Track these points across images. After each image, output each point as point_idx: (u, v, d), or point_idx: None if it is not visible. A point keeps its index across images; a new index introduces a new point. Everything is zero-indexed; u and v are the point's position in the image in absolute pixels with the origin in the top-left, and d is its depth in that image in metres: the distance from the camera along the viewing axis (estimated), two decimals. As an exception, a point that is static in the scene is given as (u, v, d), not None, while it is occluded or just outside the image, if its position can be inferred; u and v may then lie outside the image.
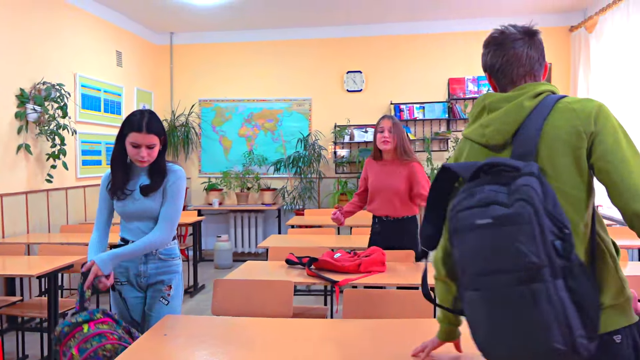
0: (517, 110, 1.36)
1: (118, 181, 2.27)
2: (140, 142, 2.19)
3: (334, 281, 2.66)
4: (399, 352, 1.71)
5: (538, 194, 1.20)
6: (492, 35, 1.50)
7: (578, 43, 6.12)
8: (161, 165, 2.31)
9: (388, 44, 6.76)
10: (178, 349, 1.79)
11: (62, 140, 4.70)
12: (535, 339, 1.14)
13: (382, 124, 3.36)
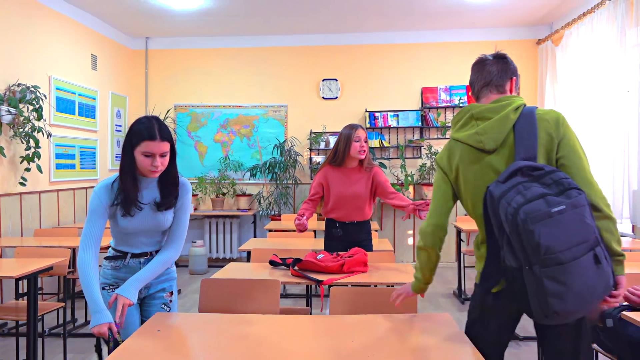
0: (505, 122, 1.77)
1: (131, 196, 2.11)
2: (154, 150, 2.05)
3: (319, 281, 2.72)
4: (389, 344, 1.78)
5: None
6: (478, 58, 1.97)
7: (545, 55, 6.38)
8: (173, 174, 2.20)
9: (363, 52, 6.90)
10: (173, 344, 1.81)
11: (37, 143, 4.63)
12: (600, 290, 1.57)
13: (358, 133, 3.42)
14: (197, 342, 1.84)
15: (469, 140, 1.82)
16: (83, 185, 5.81)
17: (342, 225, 3.51)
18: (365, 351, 1.71)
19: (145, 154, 2.06)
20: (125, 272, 2.23)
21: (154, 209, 2.18)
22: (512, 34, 6.71)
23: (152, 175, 2.11)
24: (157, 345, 1.79)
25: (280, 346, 1.78)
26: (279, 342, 1.83)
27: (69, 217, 5.50)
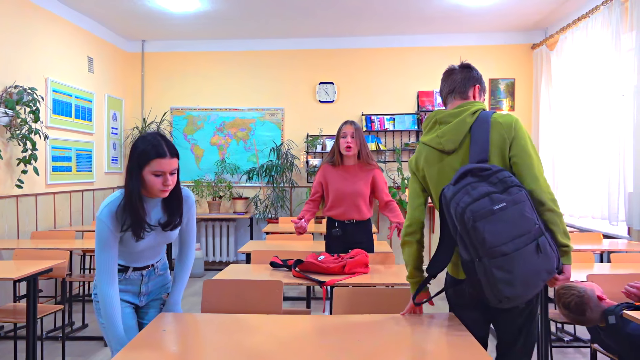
0: (462, 125, 1.94)
1: (140, 219, 2.00)
2: (164, 169, 1.96)
3: (321, 282, 2.72)
4: (398, 344, 1.79)
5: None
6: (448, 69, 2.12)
7: (540, 59, 6.43)
8: (177, 192, 2.11)
9: (360, 56, 6.92)
10: (179, 344, 1.81)
11: (34, 145, 4.61)
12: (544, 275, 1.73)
13: (344, 129, 3.44)
14: (202, 341, 1.84)
15: (432, 143, 2.00)
16: (79, 188, 5.79)
17: (341, 225, 3.51)
18: (374, 350, 1.72)
19: (155, 174, 1.96)
20: (125, 284, 2.18)
21: (158, 227, 2.12)
22: (507, 38, 6.77)
23: (162, 195, 2.01)
24: (162, 345, 1.78)
25: (288, 346, 1.79)
26: (286, 341, 1.83)
27: (65, 219, 5.47)
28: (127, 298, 2.20)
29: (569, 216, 5.75)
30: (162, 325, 1.98)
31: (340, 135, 3.46)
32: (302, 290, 5.58)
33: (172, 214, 2.12)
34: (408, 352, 1.75)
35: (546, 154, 6.23)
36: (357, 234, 3.52)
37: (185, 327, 1.99)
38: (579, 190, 5.44)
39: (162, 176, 1.97)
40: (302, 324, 2.07)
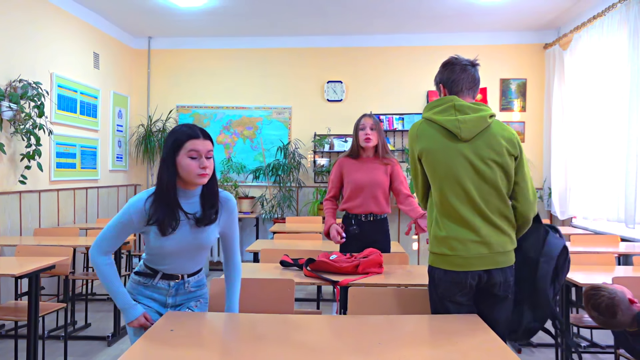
0: (483, 122, 2.01)
1: (173, 213, 1.92)
2: (200, 149, 1.89)
3: (334, 281, 2.61)
4: (420, 346, 1.68)
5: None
6: (449, 60, 2.13)
7: (552, 59, 6.32)
8: (212, 184, 2.00)
9: (369, 55, 6.83)
10: (187, 343, 1.70)
11: (38, 141, 4.52)
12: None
13: (363, 121, 3.37)
14: (212, 341, 1.74)
15: (448, 125, 1.99)
16: (83, 186, 5.70)
17: (358, 223, 3.39)
18: (396, 352, 1.61)
19: (191, 156, 1.89)
20: (151, 291, 2.07)
21: (193, 226, 1.98)
22: (519, 38, 6.66)
23: (200, 180, 1.92)
24: (171, 345, 1.68)
25: (302, 347, 1.68)
26: (300, 342, 1.73)
27: (68, 217, 5.38)
28: (152, 305, 2.07)
29: (583, 219, 5.63)
30: (170, 324, 1.88)
31: (359, 127, 3.39)
32: (310, 291, 5.47)
33: (209, 207, 1.99)
34: (433, 354, 1.64)
35: (558, 155, 6.11)
36: (374, 232, 3.40)
37: (194, 327, 1.89)
38: (593, 193, 5.32)
39: (199, 159, 1.90)
40: (316, 324, 1.96)
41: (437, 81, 2.15)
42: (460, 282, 1.96)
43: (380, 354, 1.60)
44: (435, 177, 2.02)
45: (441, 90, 2.12)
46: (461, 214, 1.97)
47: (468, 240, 1.96)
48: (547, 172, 6.50)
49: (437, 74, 2.15)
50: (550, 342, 3.93)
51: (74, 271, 4.55)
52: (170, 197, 1.92)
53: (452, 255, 1.97)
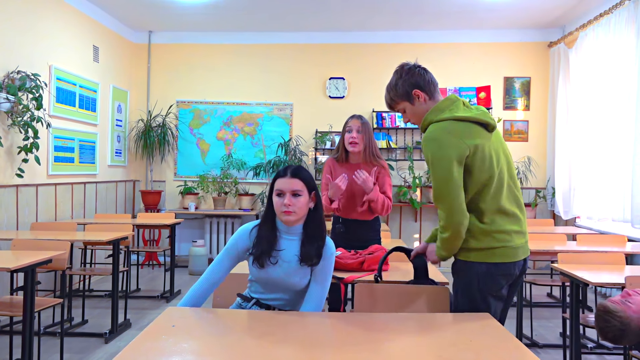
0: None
1: (267, 245, 1.97)
2: (283, 188, 1.96)
3: (340, 278, 2.54)
4: (434, 345, 1.61)
5: None
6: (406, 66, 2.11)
7: (557, 57, 6.25)
8: (317, 223, 2.01)
9: (372, 51, 6.75)
10: (189, 340, 1.63)
11: (36, 134, 4.44)
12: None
13: (350, 123, 3.18)
14: (213, 337, 1.67)
15: (480, 117, 1.96)
16: (82, 180, 5.62)
17: (345, 222, 3.28)
18: (405, 351, 1.54)
19: (277, 193, 1.98)
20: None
21: (290, 264, 1.99)
22: (523, 35, 6.59)
23: (285, 217, 1.96)
24: (171, 341, 1.60)
25: (307, 343, 1.61)
26: (304, 339, 1.65)
27: (66, 212, 5.30)
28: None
29: (587, 219, 5.57)
30: (171, 320, 1.80)
31: (345, 129, 3.20)
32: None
33: (309, 247, 1.98)
34: (445, 354, 1.57)
35: (562, 155, 6.05)
36: (363, 231, 3.27)
37: (196, 323, 1.81)
38: (598, 193, 5.26)
39: (282, 196, 1.96)
40: (321, 321, 1.89)
41: (409, 87, 2.05)
42: (509, 273, 1.96)
43: (388, 352, 1.53)
44: (483, 172, 1.93)
45: (419, 96, 2.04)
46: (505, 206, 1.96)
47: (513, 232, 1.96)
48: (550, 172, 6.43)
49: (399, 83, 2.07)
50: (555, 343, 3.86)
51: (71, 266, 4.47)
52: (267, 229, 2.00)
53: (501, 247, 1.94)
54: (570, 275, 2.76)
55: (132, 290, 5.29)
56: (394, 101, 2.12)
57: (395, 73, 2.11)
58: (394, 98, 2.10)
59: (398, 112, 2.15)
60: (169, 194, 6.87)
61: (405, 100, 2.06)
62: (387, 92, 2.14)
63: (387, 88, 2.14)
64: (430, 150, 1.93)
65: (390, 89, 2.12)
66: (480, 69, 6.58)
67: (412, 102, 2.06)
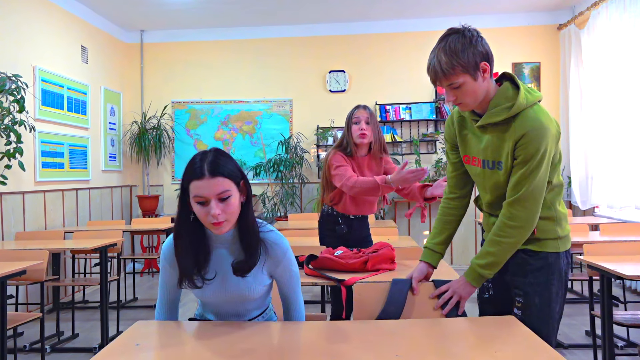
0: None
1: (188, 264, 1.56)
2: (205, 193, 1.47)
3: (339, 280, 2.25)
4: (437, 357, 1.32)
5: None
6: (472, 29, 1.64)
7: (568, 40, 5.93)
8: (250, 225, 1.59)
9: (372, 42, 6.47)
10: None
11: (19, 138, 4.19)
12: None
13: (357, 114, 2.95)
14: (186, 357, 1.38)
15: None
16: (73, 187, 5.37)
17: (346, 221, 3.04)
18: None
19: (197, 200, 1.49)
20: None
21: (230, 275, 1.61)
22: (531, 19, 6.27)
23: (216, 230, 1.52)
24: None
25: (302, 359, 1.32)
26: (296, 356, 1.37)
27: (57, 220, 5.05)
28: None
29: (607, 207, 5.25)
30: (136, 337, 1.52)
31: (352, 121, 2.97)
32: (315, 293, 5.11)
33: (243, 253, 1.59)
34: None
35: (577, 143, 5.73)
36: (362, 229, 3.11)
37: (164, 340, 1.53)
38: (618, 180, 4.93)
39: (206, 204, 1.49)
40: (315, 332, 1.60)
41: (479, 58, 1.59)
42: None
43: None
44: (557, 158, 1.70)
45: (485, 70, 1.61)
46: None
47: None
48: (565, 161, 6.09)
49: (468, 50, 1.57)
50: (581, 342, 3.55)
51: (58, 277, 4.21)
52: (185, 245, 1.57)
53: (569, 233, 1.78)
54: (601, 269, 2.45)
55: (128, 300, 5.03)
56: (451, 72, 1.58)
57: (461, 36, 1.59)
58: (455, 66, 1.57)
59: (448, 86, 1.62)
60: (167, 199, 6.61)
61: (467, 72, 1.58)
62: (445, 57, 1.58)
63: (445, 52, 1.58)
64: (545, 142, 1.57)
65: (451, 54, 1.57)
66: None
67: (475, 77, 1.59)
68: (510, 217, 1.64)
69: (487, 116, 1.66)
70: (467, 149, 1.80)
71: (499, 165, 1.68)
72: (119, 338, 1.51)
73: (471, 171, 1.83)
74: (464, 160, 1.83)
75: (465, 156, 1.81)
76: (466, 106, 1.68)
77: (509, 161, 1.65)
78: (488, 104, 1.67)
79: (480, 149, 1.73)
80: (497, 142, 1.67)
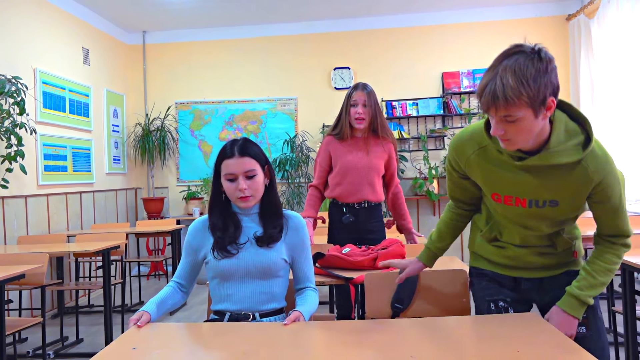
0: None
1: (223, 234, 1.75)
2: (234, 170, 1.71)
3: (347, 278, 2.16)
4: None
5: None
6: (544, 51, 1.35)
7: (577, 31, 5.80)
8: (273, 202, 1.81)
9: (377, 37, 6.36)
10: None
11: (20, 141, 4.12)
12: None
13: (355, 97, 2.81)
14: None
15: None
16: (77, 190, 5.30)
17: (351, 210, 2.89)
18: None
19: (228, 178, 1.73)
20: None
21: (255, 246, 1.76)
22: (539, 10, 6.15)
23: (243, 203, 1.74)
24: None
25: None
26: (306, 355, 1.27)
27: (61, 224, 4.99)
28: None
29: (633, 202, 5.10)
30: (132, 340, 1.43)
31: (349, 103, 2.83)
32: (323, 293, 5.00)
33: (269, 227, 1.78)
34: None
35: (590, 135, 5.58)
36: (370, 221, 2.91)
37: (164, 344, 1.44)
38: (631, 173, 4.80)
39: (235, 180, 1.73)
40: (323, 332, 1.50)
41: (550, 92, 1.32)
42: None
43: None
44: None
45: (550, 108, 1.35)
46: None
47: None
48: (577, 154, 5.96)
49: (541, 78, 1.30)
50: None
51: (62, 281, 4.14)
52: (218, 217, 1.78)
53: None
54: (623, 262, 2.33)
55: (134, 304, 4.95)
56: (515, 101, 1.29)
57: (535, 59, 1.30)
58: (521, 95, 1.28)
59: (502, 117, 1.34)
60: (173, 200, 6.54)
61: (531, 107, 1.30)
62: (514, 81, 1.28)
63: (514, 74, 1.29)
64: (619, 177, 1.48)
65: (522, 79, 1.28)
66: (494, 49, 6.06)
67: (537, 113, 1.32)
68: (621, 250, 1.53)
69: (549, 156, 1.39)
70: (497, 187, 1.53)
71: (553, 203, 1.47)
72: (116, 341, 1.42)
73: (504, 210, 1.57)
74: (494, 198, 1.56)
75: (496, 194, 1.54)
76: (514, 144, 1.39)
77: (576, 201, 1.48)
78: (538, 140, 1.40)
79: (524, 189, 1.48)
80: (556, 183, 1.44)
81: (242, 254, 1.74)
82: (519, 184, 1.47)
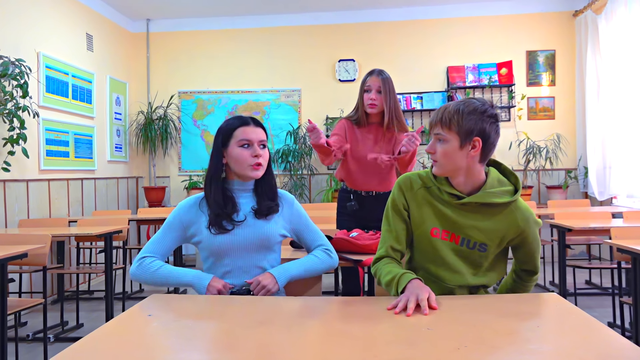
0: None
1: (220, 209, 1.73)
2: (251, 137, 1.76)
3: (357, 261, 2.13)
4: (466, 335, 1.19)
5: None
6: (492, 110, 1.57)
7: (584, 27, 5.77)
8: (268, 181, 1.84)
9: (382, 30, 6.33)
10: (164, 331, 1.23)
11: (22, 124, 4.09)
12: None
13: (369, 82, 2.76)
14: (197, 328, 1.26)
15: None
16: (78, 176, 5.26)
17: (358, 198, 2.86)
18: (462, 343, 1.12)
19: (242, 144, 1.75)
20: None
21: (253, 218, 1.78)
22: (546, 5, 6.12)
23: (254, 172, 1.76)
24: (144, 332, 1.21)
25: (321, 332, 1.19)
26: (313, 326, 1.24)
27: (62, 209, 4.95)
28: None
29: (627, 197, 5.09)
30: (148, 308, 1.40)
31: (364, 88, 2.79)
32: (327, 285, 4.98)
33: (265, 199, 1.82)
34: (508, 341, 1.15)
35: (594, 132, 5.57)
36: (377, 209, 2.85)
37: (177, 311, 1.41)
38: (638, 169, 4.78)
39: (251, 147, 1.77)
40: (329, 305, 1.48)
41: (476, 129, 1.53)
42: None
43: (425, 349, 1.11)
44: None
45: (475, 147, 1.53)
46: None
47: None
48: (581, 150, 5.95)
49: (469, 115, 1.52)
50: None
51: (62, 265, 4.12)
52: (219, 189, 1.76)
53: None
54: (633, 251, 2.32)
55: (134, 291, 4.93)
56: (446, 123, 1.54)
57: (479, 104, 1.54)
58: (452, 122, 1.53)
59: (435, 134, 1.58)
60: (174, 190, 6.50)
61: (458, 135, 1.53)
62: (453, 109, 1.54)
63: (457, 106, 1.55)
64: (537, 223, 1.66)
65: (459, 111, 1.53)
66: (500, 43, 6.12)
67: (462, 145, 1.53)
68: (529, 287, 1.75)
69: (485, 195, 1.57)
70: (437, 222, 1.63)
71: (482, 247, 1.61)
72: (132, 308, 1.41)
73: (437, 245, 1.63)
74: (432, 234, 1.63)
75: (435, 229, 1.63)
76: (439, 167, 1.60)
77: (500, 246, 1.63)
78: (474, 184, 1.59)
79: (460, 227, 1.60)
80: (488, 225, 1.59)
81: (237, 230, 1.75)
82: (457, 221, 1.60)
